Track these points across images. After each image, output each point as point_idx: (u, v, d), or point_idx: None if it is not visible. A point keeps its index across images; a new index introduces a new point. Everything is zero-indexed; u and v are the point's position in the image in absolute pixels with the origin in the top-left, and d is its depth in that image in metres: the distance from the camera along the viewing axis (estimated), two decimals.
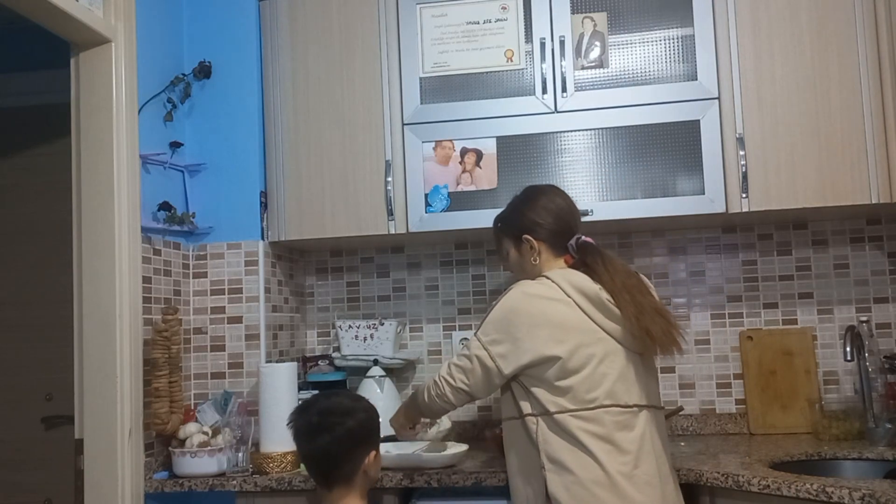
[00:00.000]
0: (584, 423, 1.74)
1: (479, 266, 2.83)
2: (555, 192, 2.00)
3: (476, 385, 1.85)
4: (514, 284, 1.88)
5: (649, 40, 2.41)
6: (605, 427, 1.74)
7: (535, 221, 1.92)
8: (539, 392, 1.78)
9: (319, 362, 2.72)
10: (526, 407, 1.80)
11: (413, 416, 2.08)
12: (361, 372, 2.65)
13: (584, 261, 1.88)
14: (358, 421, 1.82)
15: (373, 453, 1.84)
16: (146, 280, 2.30)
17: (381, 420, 1.91)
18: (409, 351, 2.80)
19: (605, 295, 1.80)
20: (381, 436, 1.91)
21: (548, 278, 1.85)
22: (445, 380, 1.88)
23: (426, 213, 2.47)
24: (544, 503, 1.75)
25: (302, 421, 1.85)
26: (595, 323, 1.79)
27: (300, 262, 2.88)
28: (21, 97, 3.15)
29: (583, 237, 1.92)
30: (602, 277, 1.82)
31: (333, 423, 1.80)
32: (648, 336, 1.78)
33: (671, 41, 2.40)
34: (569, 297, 1.80)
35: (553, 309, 1.79)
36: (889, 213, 2.55)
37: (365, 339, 2.69)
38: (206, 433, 2.26)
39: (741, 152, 2.33)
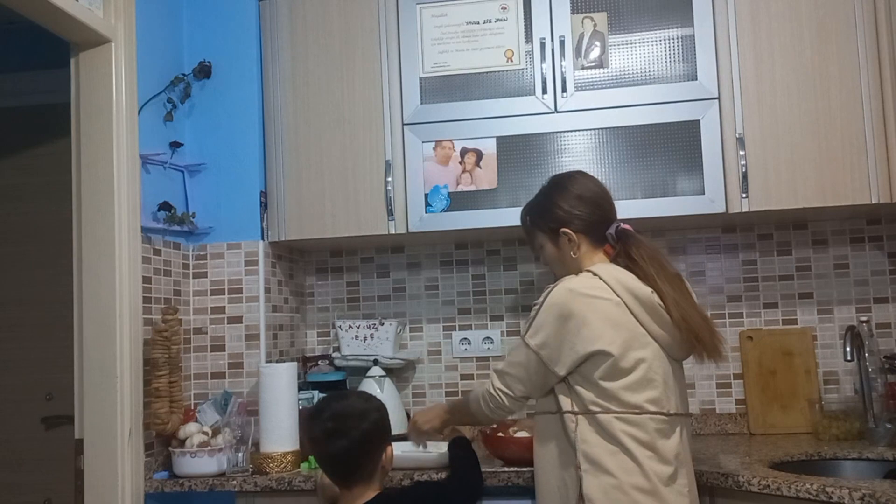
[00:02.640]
0: (629, 426, 1.67)
1: (479, 266, 2.82)
2: (586, 177, 1.88)
3: (534, 389, 1.79)
4: (558, 281, 1.76)
5: (649, 40, 2.41)
6: (649, 433, 1.68)
7: (572, 213, 1.81)
8: (583, 391, 1.70)
9: (319, 362, 2.72)
10: (566, 403, 1.72)
11: (454, 422, 2.06)
12: (361, 372, 2.65)
13: (626, 252, 1.78)
14: (372, 422, 1.82)
15: (389, 448, 1.85)
16: (146, 280, 2.30)
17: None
18: (409, 351, 2.80)
19: (656, 299, 1.71)
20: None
21: (594, 274, 1.74)
22: (502, 391, 1.80)
23: (426, 213, 2.47)
24: (576, 503, 1.69)
25: (318, 427, 1.84)
26: (643, 327, 1.71)
27: (300, 262, 2.88)
28: (21, 97, 3.15)
29: (621, 224, 1.82)
30: (646, 273, 1.74)
31: (350, 428, 1.80)
32: (699, 342, 1.72)
33: (671, 41, 2.40)
34: (618, 296, 1.70)
35: (602, 307, 1.69)
36: (889, 213, 2.55)
37: (365, 339, 2.69)
38: (206, 433, 2.26)
39: (741, 152, 2.33)
